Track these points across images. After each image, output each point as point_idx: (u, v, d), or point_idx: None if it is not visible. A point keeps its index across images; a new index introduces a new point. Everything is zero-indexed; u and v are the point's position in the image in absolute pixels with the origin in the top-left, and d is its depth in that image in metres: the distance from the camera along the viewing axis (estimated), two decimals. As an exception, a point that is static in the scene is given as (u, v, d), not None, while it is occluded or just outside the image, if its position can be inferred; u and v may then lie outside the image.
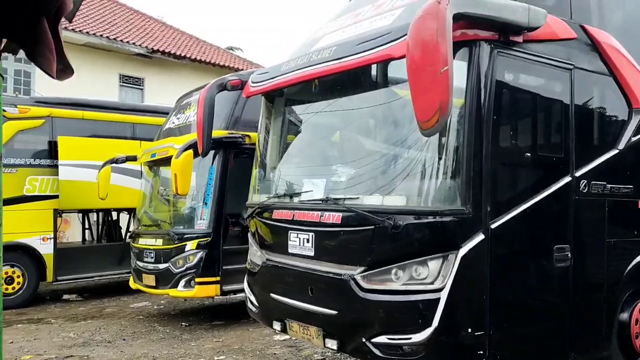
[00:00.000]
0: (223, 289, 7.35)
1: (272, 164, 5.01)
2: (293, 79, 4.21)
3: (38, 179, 9.83)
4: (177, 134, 8.11)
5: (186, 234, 7.49)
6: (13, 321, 8.40)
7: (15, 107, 9.80)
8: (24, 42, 2.09)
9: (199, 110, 5.32)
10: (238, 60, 20.53)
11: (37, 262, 9.76)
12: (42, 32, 2.04)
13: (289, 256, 4.27)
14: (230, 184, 7.52)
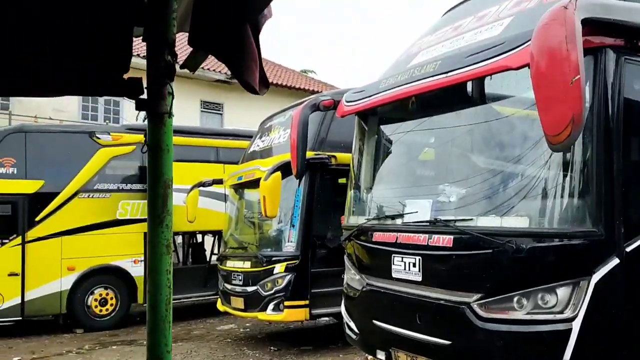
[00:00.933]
0: (312, 312, 7.22)
1: (368, 184, 4.85)
2: (393, 96, 4.05)
3: (130, 203, 10.19)
4: (262, 156, 8.14)
5: (274, 256, 7.45)
6: (108, 342, 8.65)
7: (109, 134, 10.25)
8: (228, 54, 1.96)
9: (293, 131, 5.28)
10: (313, 82, 20.73)
11: (129, 284, 10.07)
12: (247, 42, 1.92)
13: (393, 281, 4.07)
14: (317, 206, 7.43)
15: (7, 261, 9.01)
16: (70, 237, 9.51)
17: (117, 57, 1.99)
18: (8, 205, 9.13)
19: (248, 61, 1.93)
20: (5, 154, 9.19)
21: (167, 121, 1.96)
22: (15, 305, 9.03)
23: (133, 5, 1.95)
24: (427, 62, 4.02)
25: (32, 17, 1.84)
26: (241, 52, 1.90)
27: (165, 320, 1.93)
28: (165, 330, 1.94)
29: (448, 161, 4.21)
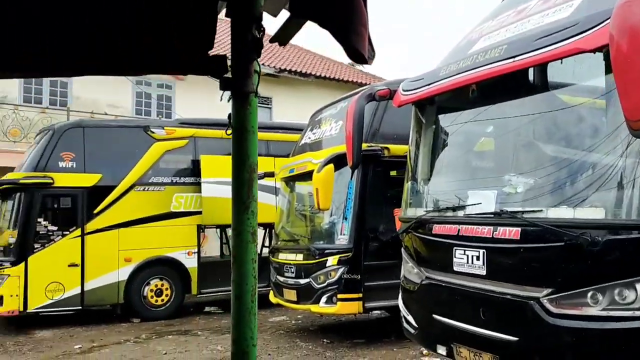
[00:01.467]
0: (365, 306, 7.15)
1: (426, 175, 4.72)
2: (455, 83, 3.90)
3: (183, 196, 10.38)
4: (314, 149, 8.11)
5: (327, 249, 7.41)
6: (164, 332, 8.84)
7: (163, 129, 10.45)
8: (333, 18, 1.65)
9: (348, 122, 5.20)
10: (362, 74, 20.55)
11: (183, 275, 10.26)
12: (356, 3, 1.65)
13: (454, 274, 3.94)
14: (369, 198, 7.34)
15: (68, 252, 9.33)
16: (126, 229, 9.77)
17: (201, 33, 1.92)
18: (68, 198, 9.45)
19: (357, 25, 1.67)
20: (65, 149, 9.50)
21: (253, 100, 1.89)
22: (76, 295, 9.35)
23: None
24: (490, 47, 3.86)
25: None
26: (349, 15, 1.64)
27: (250, 312, 1.87)
28: (251, 323, 1.87)
29: (513, 151, 4.04)
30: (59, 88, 14.36)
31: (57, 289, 9.16)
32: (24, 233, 9.11)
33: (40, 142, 9.74)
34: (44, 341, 8.34)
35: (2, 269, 9.05)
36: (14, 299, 8.89)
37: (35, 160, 9.41)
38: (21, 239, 9.10)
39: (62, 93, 14.40)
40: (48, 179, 9.23)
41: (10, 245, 9.24)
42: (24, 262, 8.99)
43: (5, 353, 7.63)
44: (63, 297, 9.22)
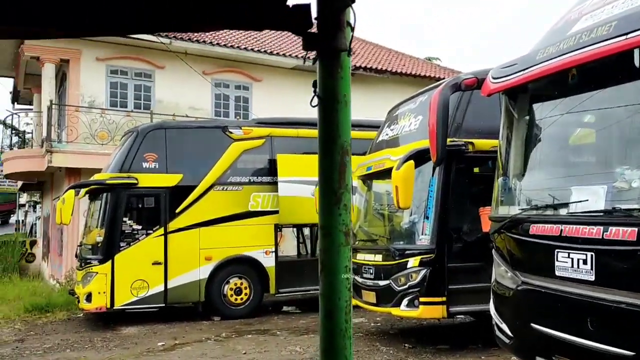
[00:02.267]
0: (450, 310, 6.76)
1: (520, 171, 4.32)
2: (556, 66, 3.51)
3: (260, 196, 10.39)
4: (392, 145, 7.81)
5: (407, 249, 7.08)
6: (243, 331, 8.85)
7: (240, 128, 10.51)
8: None
9: (432, 114, 4.89)
10: (438, 69, 19.95)
11: (261, 274, 10.27)
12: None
13: (556, 280, 3.55)
14: (452, 196, 6.95)
15: (151, 251, 9.57)
16: (207, 229, 9.90)
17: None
18: (152, 197, 9.70)
19: None
20: (148, 150, 9.76)
21: (345, 61, 1.53)
22: (159, 293, 9.57)
23: None
24: (596, 25, 3.44)
25: None
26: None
27: (345, 334, 1.50)
28: (346, 349, 1.49)
29: (625, 142, 3.58)
30: (143, 92, 14.89)
31: (141, 286, 9.42)
32: (111, 232, 9.44)
33: (124, 143, 10.07)
34: (129, 337, 8.58)
35: (90, 267, 9.42)
36: (102, 296, 9.23)
37: (120, 161, 9.73)
38: (108, 237, 9.44)
39: (146, 97, 14.92)
40: (133, 180, 9.51)
41: (98, 244, 9.61)
42: (110, 260, 9.32)
43: (93, 349, 7.90)
44: (147, 295, 9.47)
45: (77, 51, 14.09)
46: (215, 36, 15.78)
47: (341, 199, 1.49)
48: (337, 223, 1.49)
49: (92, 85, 14.18)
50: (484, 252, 7.10)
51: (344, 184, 1.51)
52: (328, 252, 1.50)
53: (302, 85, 16.77)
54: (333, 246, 1.49)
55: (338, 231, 1.49)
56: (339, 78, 1.53)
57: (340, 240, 1.50)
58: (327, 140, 1.53)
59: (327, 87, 1.54)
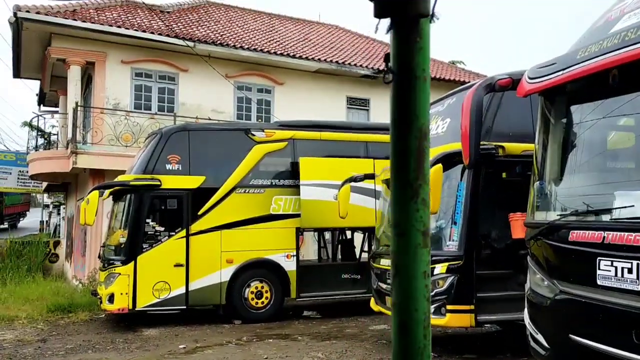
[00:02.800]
0: (478, 319, 6.57)
1: (557, 175, 4.15)
2: (601, 65, 3.35)
3: (282, 199, 10.30)
4: (419, 149, 7.65)
5: (434, 255, 6.89)
6: (264, 335, 8.75)
7: (263, 131, 10.45)
8: None
9: (464, 116, 4.74)
10: (462, 72, 19.70)
11: (282, 278, 10.17)
12: None
13: (598, 289, 3.38)
14: (481, 201, 6.77)
15: (174, 253, 9.54)
16: (228, 231, 9.84)
17: None
18: (174, 199, 9.67)
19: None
20: (172, 152, 9.74)
21: (424, 28, 1.30)
22: (181, 295, 9.52)
23: None
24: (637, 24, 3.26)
25: None
26: None
27: (422, 353, 1.32)
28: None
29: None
30: (167, 95, 14.95)
31: (163, 288, 9.39)
32: (134, 233, 9.43)
33: (148, 145, 10.08)
34: (150, 339, 8.53)
35: (113, 268, 9.42)
36: (124, 297, 9.22)
37: (144, 162, 9.73)
38: (131, 239, 9.43)
39: (169, 99, 14.97)
40: (156, 181, 9.50)
41: (121, 245, 9.61)
42: (133, 261, 9.30)
43: (114, 350, 7.87)
44: (169, 297, 9.43)
45: (103, 54, 14.20)
46: (238, 39, 15.79)
47: (418, 192, 1.28)
48: (413, 220, 1.29)
49: (117, 87, 14.28)
50: (513, 259, 6.96)
51: (421, 174, 1.29)
52: (403, 255, 1.31)
53: (324, 89, 16.74)
54: (409, 248, 1.30)
55: (415, 230, 1.29)
56: (418, 49, 1.30)
57: (417, 241, 1.30)
58: (401, 123, 1.31)
59: (403, 59, 1.31)
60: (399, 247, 1.33)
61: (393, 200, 1.34)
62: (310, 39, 18.40)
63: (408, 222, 1.30)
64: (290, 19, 20.32)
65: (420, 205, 1.29)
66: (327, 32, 19.90)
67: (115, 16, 14.68)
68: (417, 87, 1.30)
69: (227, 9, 19.19)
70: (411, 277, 1.31)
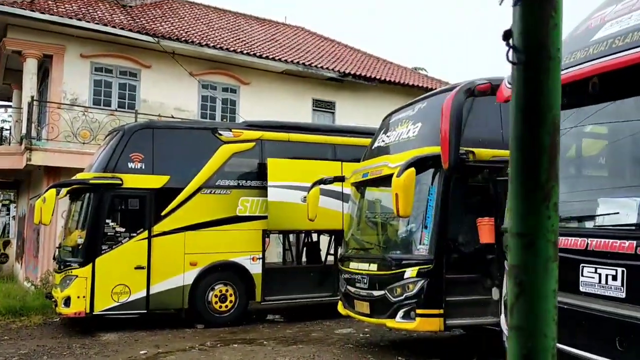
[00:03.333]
0: (447, 323, 6.57)
1: (536, 180, 4.15)
2: (590, 71, 3.35)
3: (249, 200, 10.11)
4: (390, 152, 7.62)
5: (404, 259, 6.88)
6: (228, 340, 8.54)
7: (230, 131, 10.23)
8: None
9: (444, 119, 4.70)
10: (426, 79, 19.92)
11: (247, 281, 9.96)
12: None
13: (580, 296, 3.38)
14: (451, 206, 6.78)
15: (134, 254, 9.21)
16: (193, 233, 9.58)
17: None
18: (136, 199, 9.35)
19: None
20: (134, 150, 9.41)
21: (559, 3, 1.13)
22: (141, 299, 9.20)
23: None
24: (629, 30, 3.29)
25: None
26: None
27: None
28: None
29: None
30: (128, 91, 14.51)
31: (123, 291, 9.05)
32: (93, 234, 9.05)
33: (110, 142, 9.71)
34: (109, 344, 8.20)
35: (70, 270, 9.02)
36: (81, 300, 8.84)
37: (105, 160, 9.37)
38: (89, 240, 9.05)
39: (131, 96, 14.53)
40: (117, 180, 9.15)
41: (78, 246, 9.21)
42: (91, 263, 8.93)
43: (71, 355, 7.52)
44: (129, 300, 9.10)
45: (61, 47, 13.67)
46: (203, 37, 15.49)
47: (550, 194, 1.12)
48: (544, 229, 1.11)
49: (75, 82, 13.76)
50: (480, 263, 7.01)
51: (554, 174, 1.13)
52: (530, 270, 1.12)
53: (290, 90, 16.60)
54: (538, 261, 1.12)
55: (546, 241, 1.12)
56: (552, 25, 1.10)
57: (548, 253, 1.12)
58: (528, 113, 1.12)
59: (533, 37, 1.11)
60: (526, 261, 1.15)
61: (516, 205, 1.16)
62: (277, 39, 18.24)
63: (538, 231, 1.12)
64: (256, 19, 20.10)
65: (552, 211, 1.13)
66: (293, 34, 19.77)
67: (75, 8, 14.16)
68: (552, 69, 1.12)
69: (192, 5, 18.82)
70: (540, 297, 1.13)
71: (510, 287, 1.15)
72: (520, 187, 1.15)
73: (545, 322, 1.13)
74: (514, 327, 1.15)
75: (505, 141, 6.81)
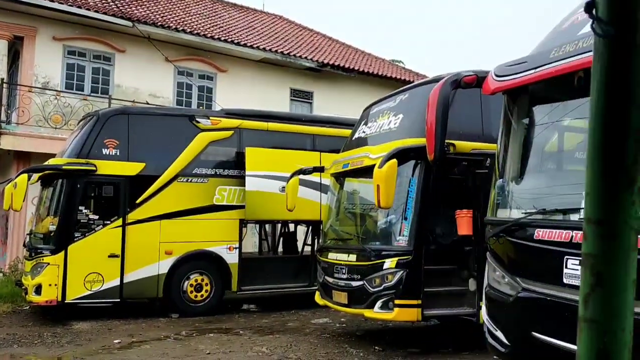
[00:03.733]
0: (424, 313, 6.62)
1: (520, 173, 4.18)
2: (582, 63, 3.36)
3: (226, 189, 10.00)
4: (370, 143, 7.61)
5: (384, 250, 6.90)
6: (204, 330, 8.47)
7: (208, 118, 10.08)
8: None
9: (430, 110, 4.69)
10: (404, 71, 19.97)
11: (223, 271, 9.88)
12: None
13: (564, 288, 3.41)
14: (431, 198, 6.81)
15: (108, 242, 9.04)
16: (168, 221, 9.44)
17: None
18: (110, 186, 9.15)
19: None
20: (109, 136, 9.21)
21: None
22: (115, 287, 9.05)
23: None
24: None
25: None
26: None
27: None
28: None
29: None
30: (101, 75, 14.17)
31: (96, 279, 8.88)
32: (65, 221, 8.84)
33: (84, 127, 9.47)
34: (82, 333, 8.04)
35: (41, 257, 8.80)
36: (53, 288, 8.64)
37: (78, 146, 9.13)
38: (62, 227, 8.84)
39: (104, 81, 14.20)
40: (91, 166, 8.94)
41: (50, 233, 8.99)
42: (63, 251, 8.72)
43: (43, 344, 7.35)
44: (102, 289, 8.93)
45: (33, 29, 13.26)
46: (180, 22, 15.21)
47: (636, 179, 1.04)
48: (627, 217, 1.04)
49: (47, 65, 13.37)
50: (457, 255, 7.08)
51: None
52: (610, 260, 1.05)
53: (268, 79, 16.44)
54: (619, 252, 1.04)
55: (629, 229, 1.04)
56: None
57: (631, 242, 1.05)
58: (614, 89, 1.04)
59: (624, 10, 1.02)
60: (605, 252, 1.08)
61: (595, 189, 1.09)
62: (255, 27, 18.03)
63: (620, 218, 1.05)
64: (234, 5, 19.83)
65: (637, 196, 1.05)
66: (271, 22, 19.58)
67: (47, -11, 13.70)
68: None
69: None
70: (620, 290, 1.07)
71: (584, 277, 1.10)
72: (602, 170, 1.08)
73: (623, 315, 1.08)
74: (588, 320, 1.10)
75: (486, 134, 6.94)
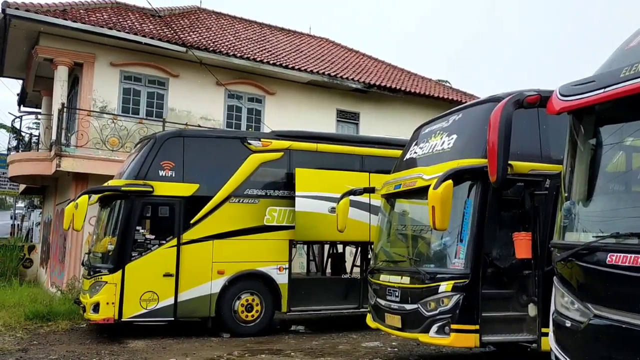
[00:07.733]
0: (482, 339, 6.44)
1: (587, 195, 4.06)
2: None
3: (276, 210, 10.09)
4: (424, 164, 7.55)
5: (439, 273, 6.78)
6: (255, 350, 8.49)
7: (259, 140, 10.25)
8: None
9: (493, 131, 4.63)
10: (451, 91, 19.82)
11: (274, 291, 9.92)
12: None
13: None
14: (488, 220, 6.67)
15: (163, 262, 9.22)
16: (220, 241, 9.58)
17: None
18: (166, 207, 9.37)
19: None
20: (165, 158, 9.46)
21: None
22: (169, 306, 9.20)
23: None
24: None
25: None
26: None
27: None
28: None
29: None
30: (156, 100, 14.65)
31: (151, 298, 9.06)
32: (123, 241, 9.08)
33: (141, 150, 9.77)
34: (137, 352, 8.19)
35: (100, 276, 9.06)
36: (110, 306, 8.85)
37: (136, 168, 9.42)
38: (120, 246, 9.08)
39: (158, 105, 14.66)
40: (148, 187, 9.20)
41: (109, 252, 9.25)
42: (121, 270, 8.95)
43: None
44: (157, 307, 9.10)
45: (92, 55, 13.86)
46: (230, 47, 15.61)
47: None
48: None
49: (105, 90, 13.92)
50: (515, 279, 6.89)
51: None
52: None
53: (314, 101, 16.63)
54: None
55: None
56: None
57: None
58: None
59: None
60: None
61: None
62: (302, 50, 18.31)
63: None
64: (282, 29, 20.23)
65: None
66: (317, 45, 19.85)
67: (106, 17, 14.36)
68: None
69: (218, 16, 19.00)
70: None
71: None
72: None
73: None
74: None
75: (544, 155, 6.77)
